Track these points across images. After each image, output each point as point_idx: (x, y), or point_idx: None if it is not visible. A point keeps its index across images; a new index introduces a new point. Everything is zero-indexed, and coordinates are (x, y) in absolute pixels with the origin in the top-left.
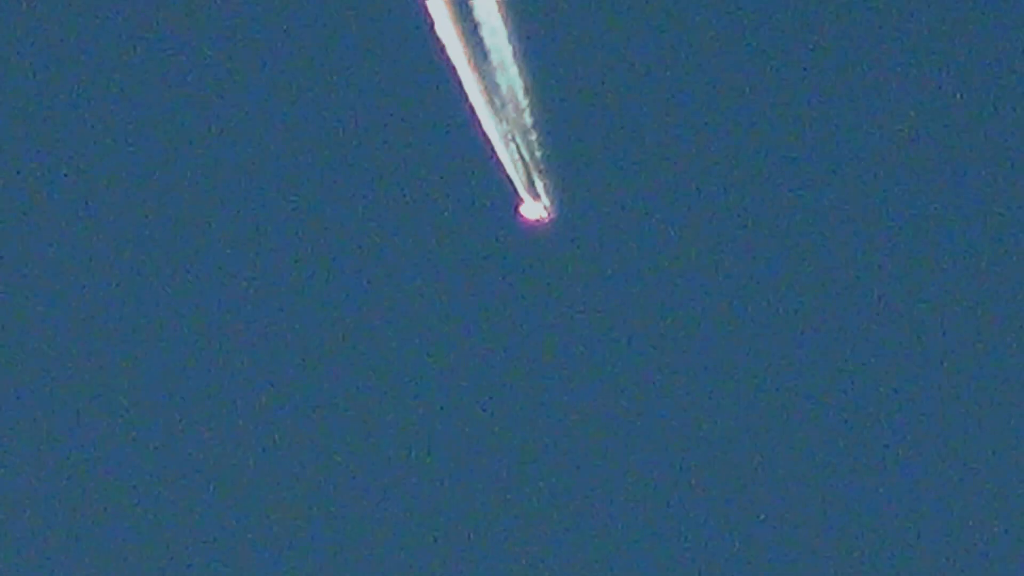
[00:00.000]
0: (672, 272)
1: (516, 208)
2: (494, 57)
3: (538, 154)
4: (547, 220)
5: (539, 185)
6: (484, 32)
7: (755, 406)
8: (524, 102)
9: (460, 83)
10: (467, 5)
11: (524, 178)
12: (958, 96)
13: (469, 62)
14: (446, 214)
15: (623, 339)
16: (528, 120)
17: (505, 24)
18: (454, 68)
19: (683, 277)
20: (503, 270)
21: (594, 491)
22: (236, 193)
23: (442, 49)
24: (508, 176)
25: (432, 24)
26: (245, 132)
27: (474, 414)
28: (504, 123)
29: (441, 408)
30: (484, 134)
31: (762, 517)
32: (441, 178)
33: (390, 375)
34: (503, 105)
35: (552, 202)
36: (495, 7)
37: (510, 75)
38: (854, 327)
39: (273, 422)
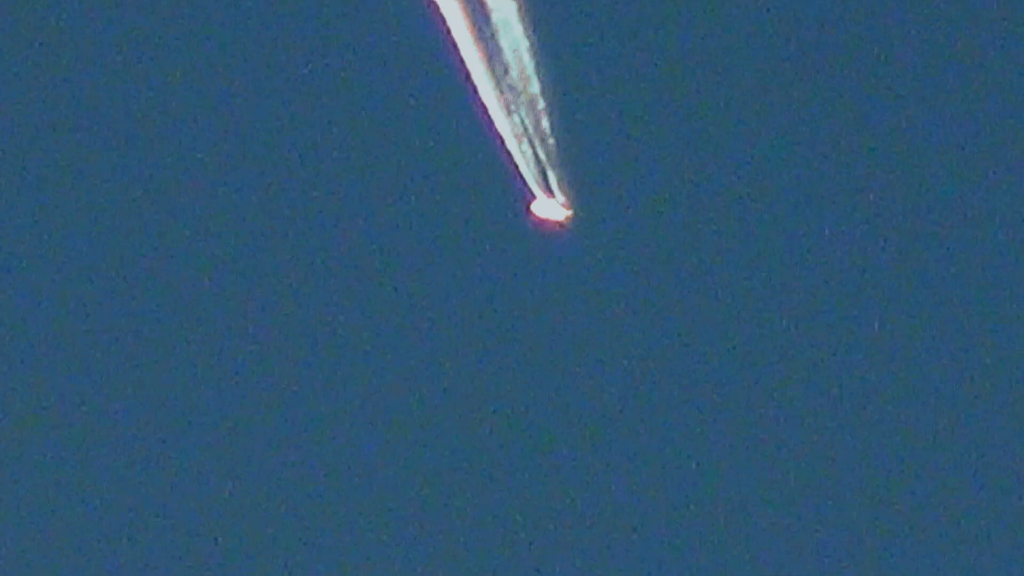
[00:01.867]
0: (704, 279)
1: (527, 207)
2: (496, 16)
3: (547, 127)
4: (563, 220)
5: (552, 178)
6: None
7: (790, 415)
8: (530, 66)
9: (456, 48)
10: None
11: (535, 168)
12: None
13: (467, 23)
14: (445, 214)
15: (644, 353)
16: (536, 88)
17: None
18: (449, 31)
19: (716, 284)
20: (513, 278)
21: (610, 497)
22: (234, 191)
23: (435, 8)
24: (515, 165)
25: None
26: (236, 123)
27: (483, 423)
28: (508, 92)
29: (449, 416)
30: (486, 111)
31: (771, 523)
32: (437, 170)
33: (393, 384)
34: (506, 72)
35: (568, 198)
36: None
37: (514, 36)
38: (889, 327)
39: (276, 428)
